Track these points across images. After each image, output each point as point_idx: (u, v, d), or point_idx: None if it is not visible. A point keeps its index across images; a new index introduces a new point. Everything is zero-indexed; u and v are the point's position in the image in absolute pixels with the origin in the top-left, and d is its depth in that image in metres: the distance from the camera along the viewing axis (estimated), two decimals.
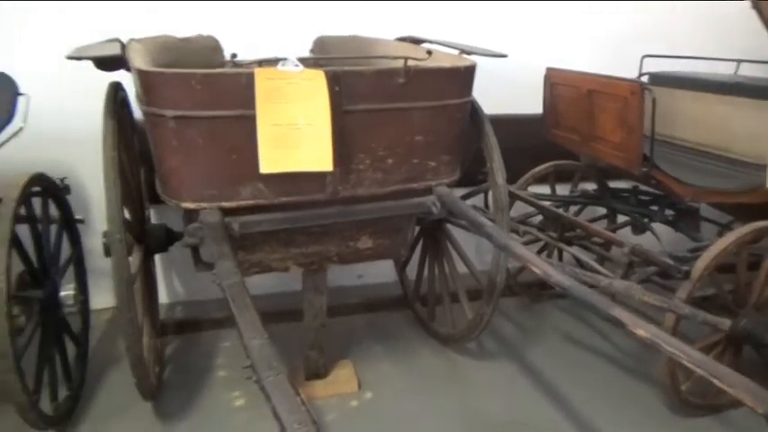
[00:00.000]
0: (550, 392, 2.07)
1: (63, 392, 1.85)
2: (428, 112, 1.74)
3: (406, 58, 1.65)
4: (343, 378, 2.08)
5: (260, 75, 1.50)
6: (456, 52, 1.91)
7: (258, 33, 2.43)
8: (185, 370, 2.19)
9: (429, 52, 1.84)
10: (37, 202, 1.84)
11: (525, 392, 2.08)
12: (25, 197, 1.67)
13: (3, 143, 1.83)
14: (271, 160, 1.54)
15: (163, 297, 2.61)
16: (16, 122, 1.84)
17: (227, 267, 1.30)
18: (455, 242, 2.27)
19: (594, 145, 2.25)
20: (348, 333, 2.43)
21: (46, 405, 1.73)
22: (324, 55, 2.30)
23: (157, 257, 2.42)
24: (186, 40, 2.15)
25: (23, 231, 1.73)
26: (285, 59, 1.54)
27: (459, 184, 1.91)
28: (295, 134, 1.55)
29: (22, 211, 1.69)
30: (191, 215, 1.66)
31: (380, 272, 2.79)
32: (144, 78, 1.51)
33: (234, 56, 1.90)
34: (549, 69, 2.45)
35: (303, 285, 2.00)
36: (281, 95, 1.52)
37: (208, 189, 1.59)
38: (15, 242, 1.61)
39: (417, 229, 2.21)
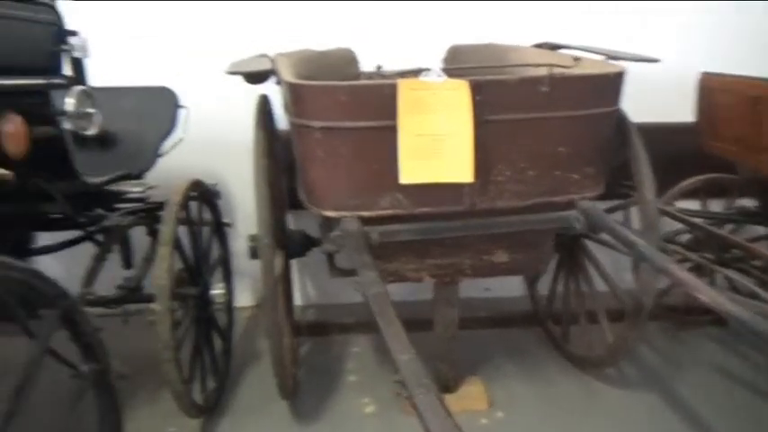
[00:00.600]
0: (697, 430, 1.88)
1: (210, 384, 1.99)
2: (572, 121, 1.65)
3: (551, 66, 1.58)
4: (472, 394, 2.03)
5: (403, 85, 1.51)
6: (600, 58, 1.81)
7: (390, 45, 2.48)
8: (318, 372, 2.26)
9: (576, 59, 1.75)
10: (193, 206, 2.00)
11: (668, 428, 1.90)
12: (185, 202, 1.82)
13: (166, 152, 2.03)
14: (411, 171, 1.55)
15: (297, 299, 2.73)
16: (177, 133, 2.03)
17: (370, 277, 1.32)
18: (594, 258, 2.14)
19: (759, 157, 2.02)
20: (477, 347, 2.38)
21: (196, 395, 1.86)
22: (458, 64, 2.28)
23: (293, 260, 2.53)
24: (325, 53, 2.24)
25: (181, 233, 1.90)
26: (428, 70, 1.53)
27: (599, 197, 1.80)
28: (436, 145, 1.54)
29: (182, 214, 1.85)
30: (329, 223, 1.71)
31: (509, 285, 2.71)
32: (294, 91, 1.58)
33: (379, 67, 1.94)
34: (704, 74, 2.24)
35: (434, 296, 1.99)
36: (423, 106, 1.52)
37: (349, 198, 1.63)
38: (176, 243, 1.75)
39: None
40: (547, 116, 1.61)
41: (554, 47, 2.12)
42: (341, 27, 2.49)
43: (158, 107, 2.02)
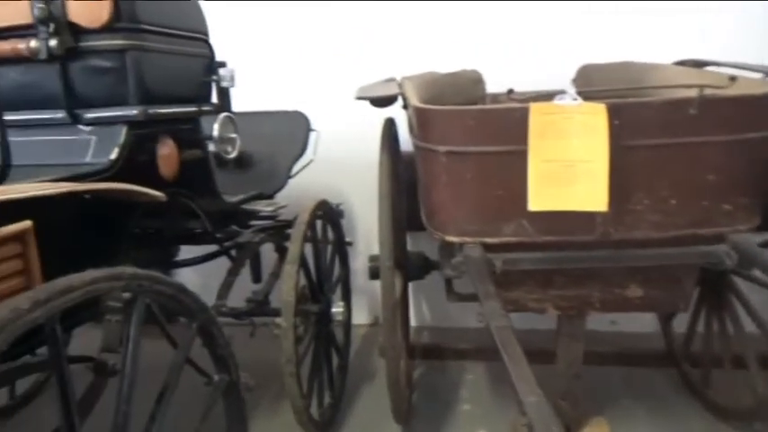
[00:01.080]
0: None
1: (326, 400, 2.03)
2: (724, 147, 1.50)
3: (702, 86, 1.45)
4: None
5: (535, 110, 1.45)
6: (757, 76, 1.63)
7: (517, 65, 2.43)
8: (431, 398, 2.23)
9: (731, 78, 1.60)
10: (318, 225, 2.07)
11: None
12: (312, 221, 1.88)
13: (296, 173, 2.12)
14: (540, 198, 1.48)
15: (411, 320, 2.72)
16: (308, 155, 2.12)
17: (494, 308, 1.27)
18: (744, 297, 1.92)
19: None
20: (602, 385, 2.22)
21: (313, 410, 1.90)
22: (590, 84, 2.17)
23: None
24: (451, 75, 2.23)
25: (306, 250, 1.97)
26: (563, 93, 1.47)
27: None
28: (568, 171, 1.47)
29: (309, 233, 1.91)
30: (451, 248, 1.69)
31: (637, 320, 2.51)
32: (420, 115, 1.58)
33: (510, 91, 1.90)
34: None
35: (558, 329, 1.88)
36: (556, 131, 1.46)
37: (472, 224, 1.60)
38: (302, 261, 1.82)
39: None
40: (695, 141, 1.48)
41: (699, 64, 1.95)
42: (467, 48, 2.48)
43: (292, 130, 2.12)
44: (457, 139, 1.52)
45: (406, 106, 1.76)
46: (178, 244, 1.99)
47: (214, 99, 1.69)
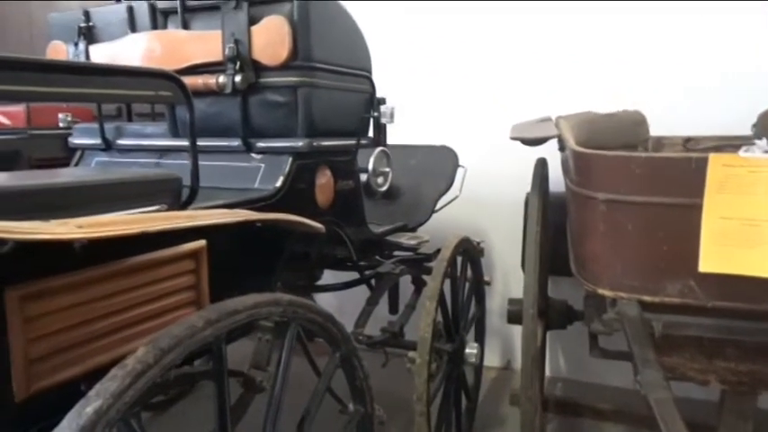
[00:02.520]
0: None
1: None
2: None
3: None
4: None
5: (715, 161, 1.32)
6: None
7: (684, 107, 2.23)
8: None
9: None
10: (458, 262, 2.05)
11: None
12: (453, 258, 1.86)
13: (441, 207, 2.12)
14: (714, 259, 1.33)
15: (546, 369, 2.58)
16: (454, 190, 2.11)
17: (654, 379, 1.16)
18: None
19: None
20: None
21: None
22: None
23: None
24: (611, 116, 2.11)
25: (444, 287, 1.95)
26: (751, 143, 1.32)
27: None
28: (750, 231, 1.31)
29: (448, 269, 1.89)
30: (602, 302, 1.58)
31: None
32: (579, 159, 1.51)
33: (688, 140, 1.76)
34: None
35: (721, 404, 1.67)
36: (738, 185, 1.31)
37: (630, 279, 1.47)
38: (440, 297, 1.80)
39: None
40: None
41: None
42: (629, 87, 2.34)
43: (439, 165, 2.13)
44: (619, 188, 1.42)
45: (562, 148, 1.69)
46: (323, 268, 2.07)
47: (371, 133, 1.75)
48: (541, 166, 1.88)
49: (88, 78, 0.85)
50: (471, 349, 2.01)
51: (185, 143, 1.57)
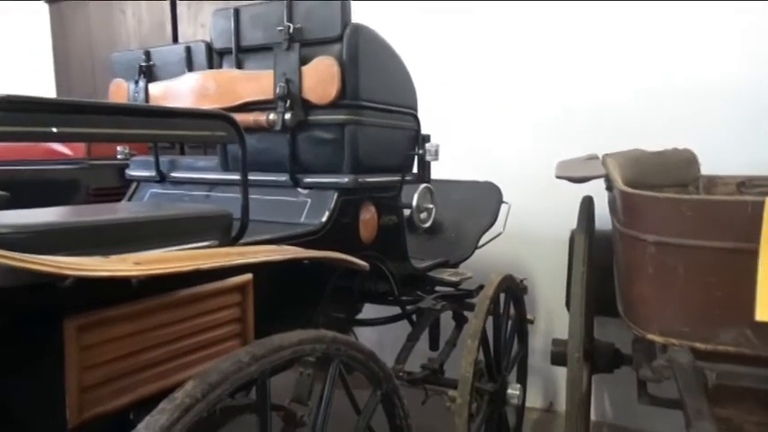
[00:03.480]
0: None
1: None
2: None
3: None
4: None
5: None
6: None
7: (737, 146, 2.17)
8: None
9: None
10: (501, 299, 2.02)
11: None
12: (497, 296, 1.84)
13: (484, 244, 2.11)
14: None
15: (591, 413, 2.49)
16: (497, 227, 2.10)
17: (707, 431, 1.10)
18: None
19: None
20: None
21: None
22: None
23: None
24: (659, 154, 2.07)
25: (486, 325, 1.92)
26: None
27: None
28: None
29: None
30: (651, 347, 1.52)
31: None
32: (628, 200, 1.48)
33: (742, 182, 1.71)
34: None
35: None
36: None
37: (681, 325, 1.42)
38: (483, 336, 1.77)
39: None
40: None
41: None
42: (677, 124, 2.29)
43: (483, 201, 2.13)
44: (670, 230, 1.39)
45: (609, 187, 1.66)
46: (363, 302, 2.07)
47: (415, 169, 1.77)
48: (588, 204, 1.85)
49: (150, 120, 0.89)
50: (513, 390, 1.96)
51: (235, 177, 1.63)
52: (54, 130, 0.77)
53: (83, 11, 3.65)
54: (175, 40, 3.33)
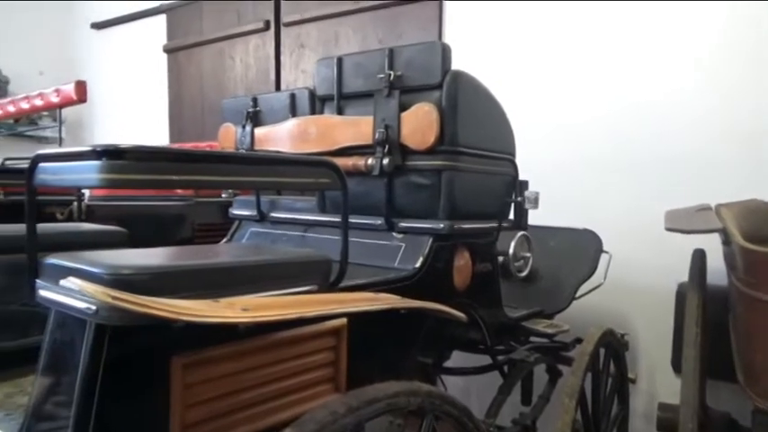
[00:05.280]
0: None
1: None
2: None
3: None
4: None
5: None
6: None
7: None
8: None
9: None
10: (600, 355, 1.89)
11: None
12: (596, 352, 1.73)
13: (582, 295, 2.00)
14: None
15: None
16: (597, 278, 1.99)
17: None
18: None
19: None
20: None
21: None
22: None
23: None
24: None
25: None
26: None
27: None
28: None
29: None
30: None
31: None
32: (749, 257, 1.36)
33: None
34: None
35: None
36: None
37: None
38: (581, 394, 1.66)
39: None
40: None
41: None
42: None
43: (581, 249, 2.03)
44: None
45: (726, 241, 1.54)
46: (453, 349, 2.02)
47: (511, 215, 1.73)
48: (700, 258, 1.72)
49: (260, 168, 0.93)
50: None
51: (331, 219, 1.66)
52: (174, 177, 0.82)
53: (196, 58, 3.96)
54: (278, 85, 3.51)
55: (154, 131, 4.15)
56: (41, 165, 0.90)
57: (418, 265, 1.42)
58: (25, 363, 1.29)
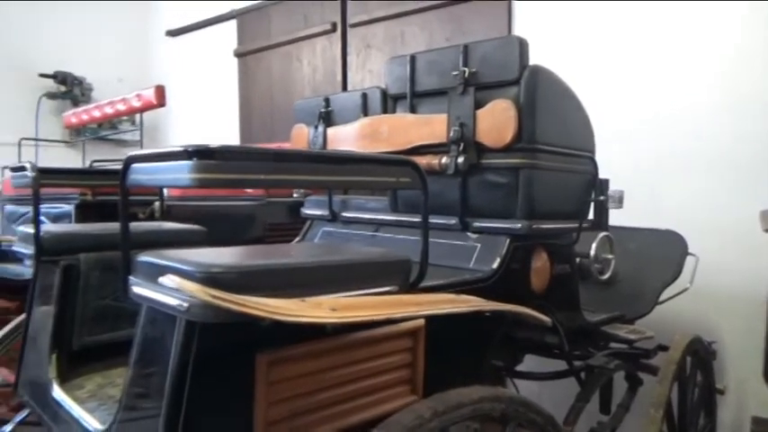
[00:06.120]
0: None
1: None
2: None
3: None
4: None
5: None
6: None
7: None
8: None
9: None
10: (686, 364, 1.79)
11: None
12: (684, 360, 1.64)
13: (666, 299, 1.90)
14: None
15: None
16: (682, 282, 1.88)
17: None
18: None
19: None
20: None
21: None
22: None
23: None
24: None
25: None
26: None
27: None
28: None
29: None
30: None
31: None
32: None
33: None
34: None
35: None
36: None
37: None
38: (668, 405, 1.57)
39: None
40: None
41: None
42: None
43: (664, 251, 1.93)
44: None
45: None
46: (527, 353, 1.96)
47: (591, 215, 1.65)
48: None
49: (342, 167, 0.93)
50: None
51: (404, 218, 1.64)
52: (262, 177, 0.83)
53: (266, 62, 4.05)
54: (344, 86, 3.54)
55: (225, 134, 4.28)
56: (134, 165, 0.93)
57: (495, 266, 1.38)
58: (114, 356, 1.36)
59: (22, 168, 1.42)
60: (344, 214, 1.82)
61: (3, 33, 4.60)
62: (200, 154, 0.78)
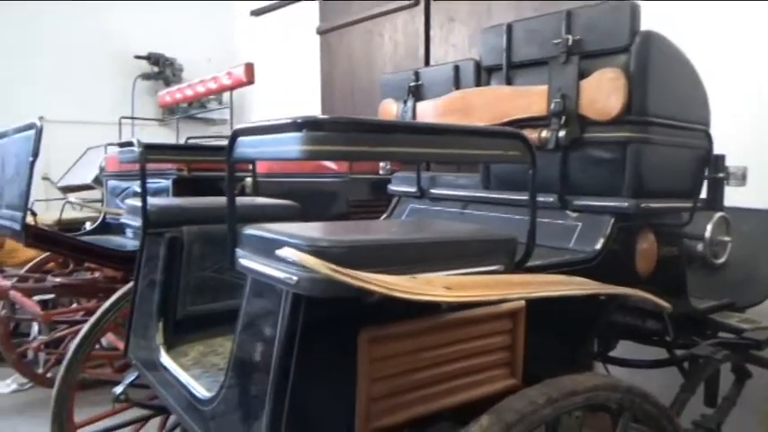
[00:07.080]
0: None
1: None
2: None
3: None
4: None
5: None
6: None
7: None
8: None
9: None
10: None
11: None
12: None
13: None
14: None
15: None
16: None
17: None
18: None
19: None
20: None
21: None
22: None
23: None
24: None
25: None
26: None
27: None
28: None
29: None
30: None
31: None
32: None
33: None
34: None
35: None
36: None
37: None
38: None
39: None
40: None
41: None
42: None
43: None
44: None
45: None
46: (623, 338, 1.87)
47: (703, 194, 1.53)
48: None
49: (448, 138, 0.89)
50: None
51: (496, 195, 1.59)
52: (368, 149, 0.81)
53: (347, 38, 4.04)
54: (427, 60, 3.47)
55: (307, 112, 4.32)
56: (240, 139, 0.93)
57: (599, 246, 1.30)
58: (215, 325, 1.40)
59: (129, 144, 1.48)
60: (433, 191, 1.79)
61: (100, 19, 4.86)
62: (309, 125, 0.77)
